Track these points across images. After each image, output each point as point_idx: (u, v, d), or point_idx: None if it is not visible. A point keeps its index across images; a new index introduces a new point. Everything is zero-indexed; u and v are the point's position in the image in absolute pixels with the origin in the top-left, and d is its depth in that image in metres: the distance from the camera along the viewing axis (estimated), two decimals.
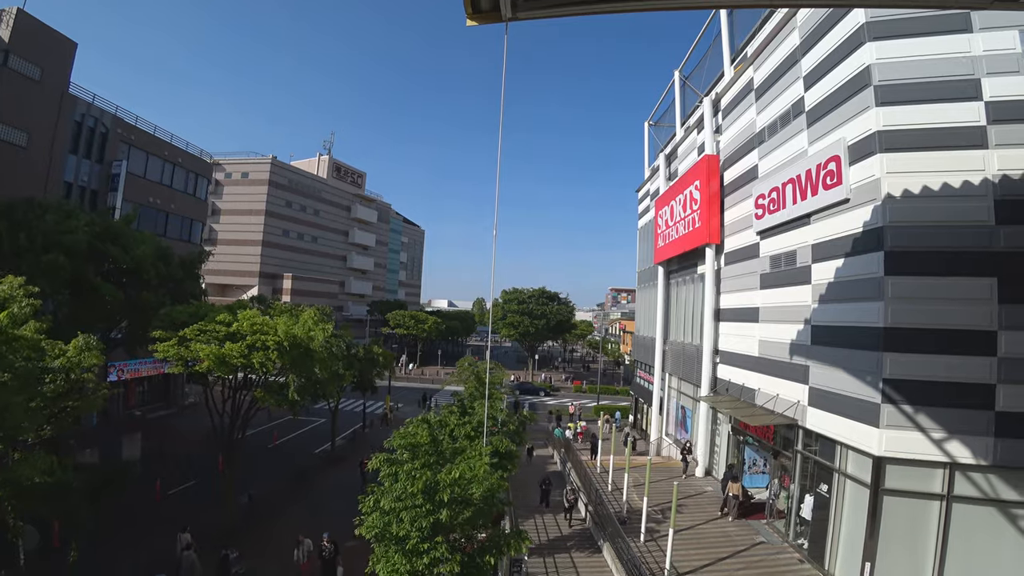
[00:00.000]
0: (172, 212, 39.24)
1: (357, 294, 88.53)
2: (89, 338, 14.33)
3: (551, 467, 30.33)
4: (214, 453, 24.51)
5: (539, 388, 64.61)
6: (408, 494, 10.33)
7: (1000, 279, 12.54)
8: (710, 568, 15.92)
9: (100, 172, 33.12)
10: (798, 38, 17.52)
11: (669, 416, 31.31)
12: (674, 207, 28.81)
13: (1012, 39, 13.00)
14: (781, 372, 17.95)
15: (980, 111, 13.01)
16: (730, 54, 24.20)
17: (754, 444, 21.35)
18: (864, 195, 14.10)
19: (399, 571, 9.89)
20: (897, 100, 13.64)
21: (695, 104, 28.82)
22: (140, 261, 21.95)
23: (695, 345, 26.11)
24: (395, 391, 48.43)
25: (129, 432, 26.66)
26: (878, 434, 13.18)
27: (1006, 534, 12.73)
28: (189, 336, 17.71)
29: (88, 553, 15.27)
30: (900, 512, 13.38)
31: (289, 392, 18.25)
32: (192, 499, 22.79)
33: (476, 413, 18.76)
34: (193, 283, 27.02)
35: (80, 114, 31.68)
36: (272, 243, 70.98)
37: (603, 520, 18.90)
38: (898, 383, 13.07)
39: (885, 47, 13.89)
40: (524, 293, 74.16)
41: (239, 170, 70.66)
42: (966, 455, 12.65)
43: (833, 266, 15.34)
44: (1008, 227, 12.58)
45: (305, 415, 29.70)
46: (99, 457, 22.53)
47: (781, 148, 18.76)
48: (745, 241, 21.45)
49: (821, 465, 15.85)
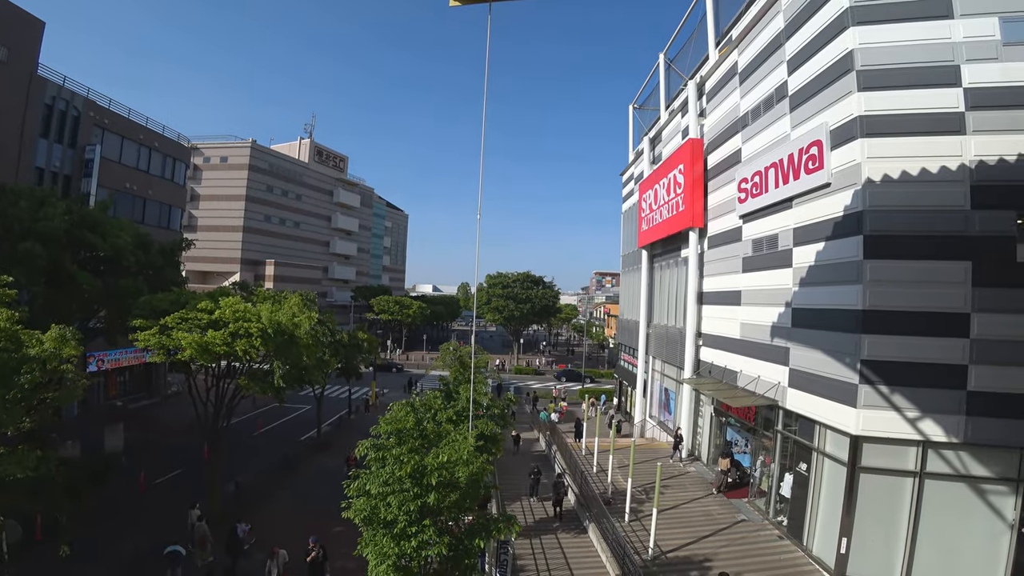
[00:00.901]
0: (150, 198, 38.34)
1: (341, 280, 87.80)
2: (67, 328, 14.04)
3: (537, 450, 30.62)
4: (199, 442, 24.32)
5: (584, 375, 61.74)
6: (395, 478, 10.38)
7: (975, 262, 12.88)
8: (693, 546, 16.32)
9: (73, 157, 32.15)
10: (783, 21, 17.53)
11: (653, 398, 31.76)
12: (658, 191, 28.90)
13: (992, 26, 13.17)
14: (762, 354, 18.27)
15: (959, 97, 13.21)
16: (715, 37, 24.17)
17: (736, 425, 21.78)
18: (845, 179, 14.28)
19: (387, 555, 9.97)
20: (879, 85, 13.78)
21: (679, 87, 28.81)
22: (119, 249, 21.46)
23: (678, 328, 26.42)
24: (380, 377, 48.40)
25: (111, 423, 26.29)
26: (855, 414, 13.53)
27: (975, 509, 13.25)
28: (170, 324, 17.43)
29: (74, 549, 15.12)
30: (875, 489, 13.81)
31: (275, 379, 18.12)
32: (178, 489, 22.66)
33: (461, 397, 18.83)
34: (173, 270, 26.53)
35: (50, 97, 30.63)
36: (253, 229, 69.86)
37: (588, 501, 19.21)
38: (875, 364, 13.40)
39: (868, 32, 13.98)
40: (509, 277, 74.13)
41: (218, 154, 69.14)
42: (939, 433, 13.06)
43: (814, 250, 15.58)
44: (983, 212, 12.87)
45: (290, 402, 29.53)
46: (81, 449, 22.22)
47: (764, 132, 18.87)
48: (728, 225, 21.63)
49: (800, 444, 16.24)
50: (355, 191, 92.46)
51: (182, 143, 43.28)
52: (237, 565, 16.47)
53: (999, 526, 13.10)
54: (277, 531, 18.63)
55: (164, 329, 17.38)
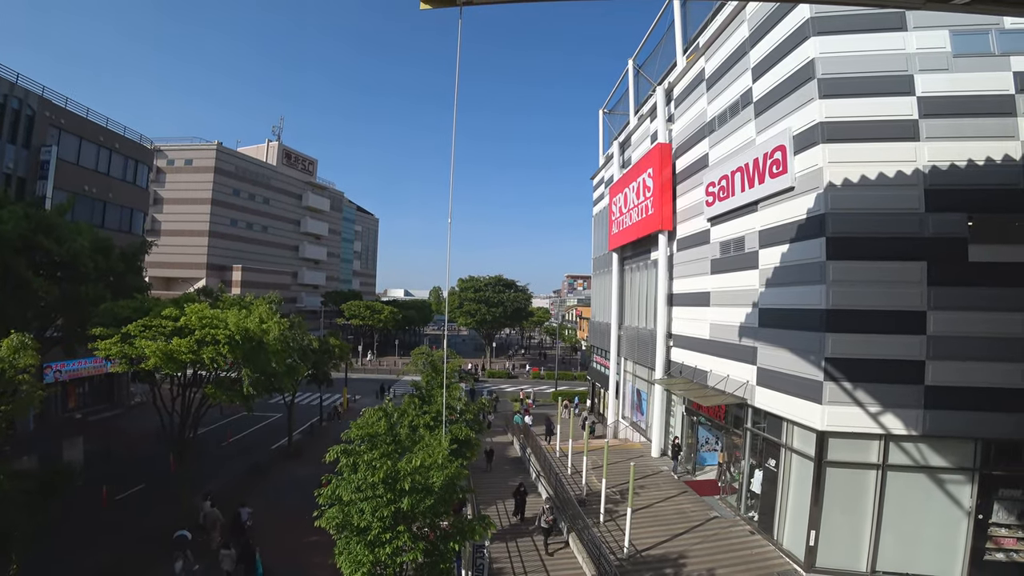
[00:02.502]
0: (110, 201, 37.01)
1: (310, 284, 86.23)
2: (23, 336, 13.46)
3: (511, 453, 30.62)
4: (165, 453, 23.55)
5: None
6: (368, 484, 10.25)
7: (930, 262, 13.46)
8: (667, 544, 16.55)
9: (28, 158, 30.85)
10: (747, 31, 18.03)
11: (625, 399, 32.12)
12: (628, 194, 29.32)
13: (942, 38, 13.84)
14: (731, 354, 18.68)
15: (913, 105, 13.82)
16: (683, 44, 24.66)
17: (707, 424, 22.19)
18: (808, 183, 14.75)
19: (362, 562, 9.84)
20: (839, 93, 14.30)
21: (648, 93, 29.29)
22: (76, 254, 20.62)
23: (649, 329, 26.80)
24: (352, 383, 47.68)
25: (69, 436, 25.22)
26: (821, 410, 13.96)
27: (934, 497, 13.81)
28: (133, 332, 16.88)
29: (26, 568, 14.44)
30: (841, 482, 14.26)
31: (244, 386, 17.71)
32: (142, 502, 21.85)
33: (435, 402, 18.73)
34: (135, 276, 25.67)
35: (2, 94, 29.36)
36: (219, 233, 68.10)
37: (563, 503, 19.30)
38: (839, 361, 13.85)
39: (828, 42, 14.50)
40: (481, 281, 73.94)
41: (182, 157, 67.22)
42: (899, 427, 13.58)
43: (779, 251, 16.02)
44: (936, 214, 13.48)
45: (261, 410, 28.89)
46: (37, 463, 21.25)
47: (730, 137, 19.34)
48: (696, 228, 22.07)
49: (769, 441, 16.65)
50: (324, 195, 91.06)
51: (144, 145, 41.99)
52: (241, 545, 16.87)
53: (957, 513, 13.68)
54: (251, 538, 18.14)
55: (126, 337, 16.84)
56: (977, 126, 13.48)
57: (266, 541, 17.73)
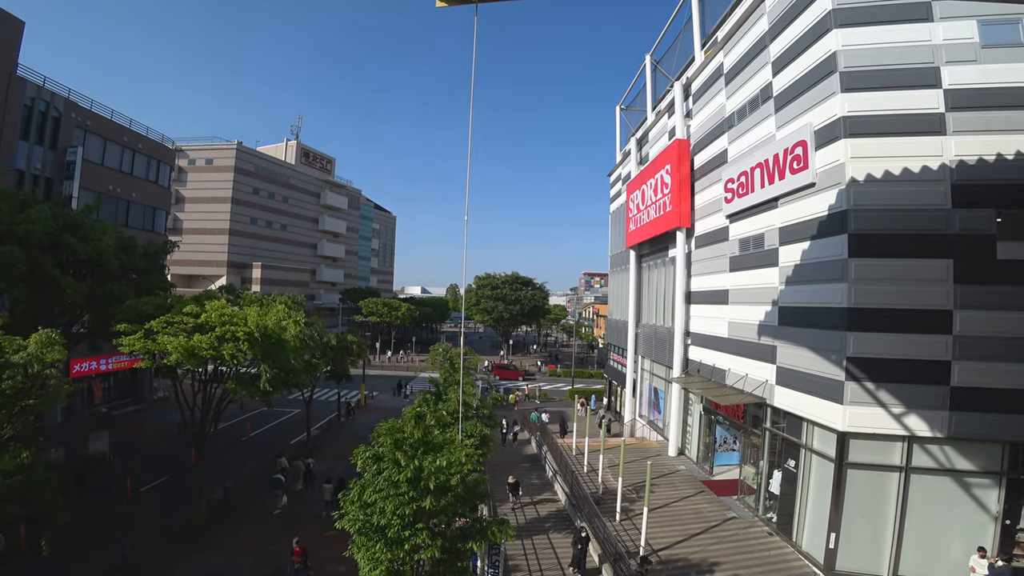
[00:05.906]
0: (133, 200, 37.80)
1: (328, 282, 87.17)
2: (51, 332, 13.79)
3: (528, 451, 30.60)
4: (186, 448, 23.99)
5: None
6: (392, 483, 10.27)
7: (956, 260, 13.11)
8: (683, 544, 16.42)
9: (54, 159, 31.63)
10: (767, 23, 17.73)
11: (642, 398, 31.91)
12: (645, 191, 29.07)
13: (970, 29, 13.44)
14: (750, 352, 18.44)
15: (939, 98, 13.45)
16: (700, 38, 24.35)
17: (725, 423, 21.96)
18: (829, 179, 14.47)
19: (379, 559, 9.89)
20: (861, 87, 13.98)
21: (666, 88, 29.00)
22: (101, 252, 21.09)
23: (667, 328, 26.58)
24: (369, 379, 48.04)
25: (95, 429, 25.89)
26: (842, 410, 13.71)
27: (960, 502, 13.48)
28: (156, 328, 17.18)
29: (54, 554, 14.86)
30: (862, 484, 14.00)
31: (262, 382, 17.95)
32: (165, 495, 22.36)
33: (450, 400, 18.81)
34: (158, 274, 26.15)
35: (30, 97, 30.08)
36: (239, 231, 69.16)
37: (579, 501, 19.25)
38: (861, 361, 13.58)
39: (851, 34, 14.18)
40: (497, 279, 74.01)
41: (203, 156, 68.37)
42: (923, 428, 13.27)
43: (799, 249, 15.76)
44: (963, 211, 13.11)
45: (280, 406, 29.30)
46: (64, 456, 21.86)
47: (750, 133, 19.06)
48: (715, 224, 21.82)
49: (788, 442, 16.41)
50: (342, 193, 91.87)
51: (166, 145, 42.75)
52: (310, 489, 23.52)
53: (983, 518, 13.35)
54: (267, 535, 18.46)
55: (149, 333, 17.15)
56: (1007, 119, 13.08)
57: (284, 535, 17.96)
